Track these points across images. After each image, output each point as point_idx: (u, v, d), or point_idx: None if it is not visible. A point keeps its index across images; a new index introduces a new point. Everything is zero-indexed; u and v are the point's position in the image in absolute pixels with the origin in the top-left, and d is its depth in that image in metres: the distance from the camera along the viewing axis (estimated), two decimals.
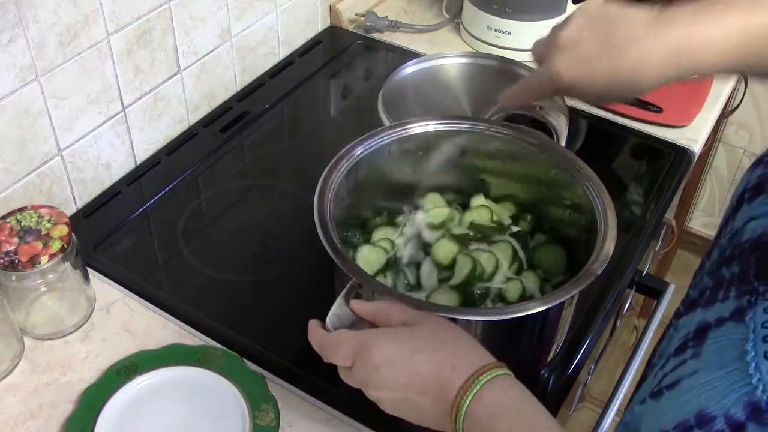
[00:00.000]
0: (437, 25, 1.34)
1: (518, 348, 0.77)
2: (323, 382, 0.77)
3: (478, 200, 0.87)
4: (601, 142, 1.12)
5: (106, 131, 0.98)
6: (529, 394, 0.57)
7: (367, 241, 0.84)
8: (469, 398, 0.55)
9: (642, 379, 0.58)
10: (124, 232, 0.96)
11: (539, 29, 1.24)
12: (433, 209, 0.86)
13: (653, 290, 1.02)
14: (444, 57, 1.12)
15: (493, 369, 0.57)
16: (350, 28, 1.35)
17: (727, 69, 0.60)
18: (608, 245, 0.71)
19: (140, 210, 0.99)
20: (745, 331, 0.39)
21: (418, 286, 0.80)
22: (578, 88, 0.65)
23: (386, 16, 1.32)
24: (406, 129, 0.83)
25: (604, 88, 0.63)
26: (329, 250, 0.70)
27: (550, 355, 0.81)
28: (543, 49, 0.68)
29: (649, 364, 0.57)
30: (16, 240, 0.77)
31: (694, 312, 0.45)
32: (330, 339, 0.62)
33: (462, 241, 0.82)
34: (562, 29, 0.65)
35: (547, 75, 0.66)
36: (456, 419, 0.56)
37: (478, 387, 0.56)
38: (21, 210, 0.80)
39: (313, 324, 0.64)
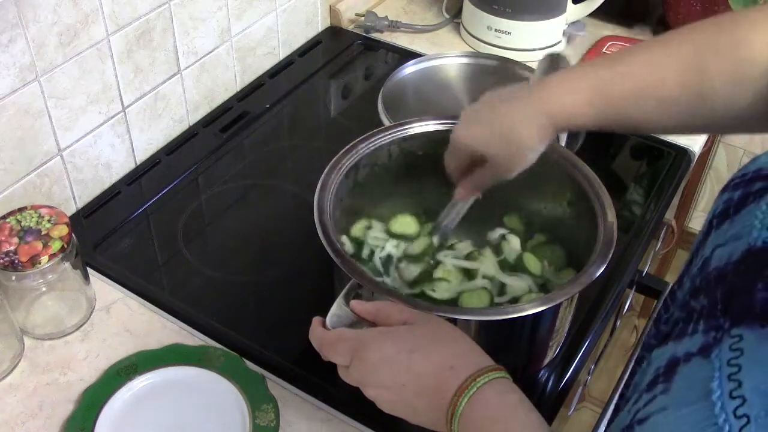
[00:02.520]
0: (437, 25, 1.34)
1: (518, 348, 0.77)
2: (323, 382, 0.77)
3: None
4: (601, 142, 1.12)
5: (106, 131, 0.98)
6: (525, 398, 0.57)
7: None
8: (465, 400, 0.55)
9: (615, 410, 0.58)
10: (124, 232, 0.96)
11: (539, 29, 1.24)
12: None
13: (653, 290, 1.02)
14: (444, 57, 1.12)
15: (490, 372, 0.57)
16: (350, 28, 1.35)
17: (594, 125, 0.68)
18: (608, 245, 0.71)
19: (140, 210, 0.99)
20: (710, 368, 0.39)
21: None
22: (474, 148, 0.72)
23: (386, 16, 1.32)
24: (406, 129, 0.83)
25: (493, 144, 0.71)
26: (329, 250, 0.70)
27: (550, 355, 0.81)
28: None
29: (622, 396, 0.57)
30: (16, 240, 0.77)
31: (666, 345, 0.45)
32: (329, 337, 0.62)
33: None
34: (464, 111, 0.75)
35: (450, 145, 0.75)
36: (451, 420, 0.55)
37: (475, 389, 0.55)
38: (21, 210, 0.80)
39: (316, 321, 0.65)
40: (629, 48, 0.68)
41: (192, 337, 0.83)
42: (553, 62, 0.85)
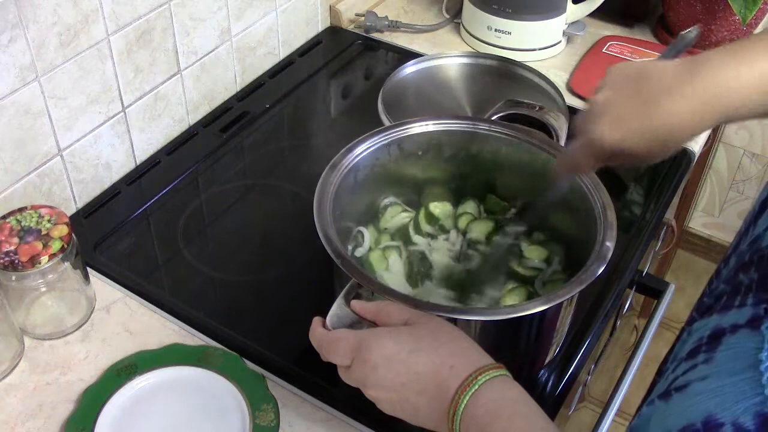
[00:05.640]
0: (437, 25, 1.34)
1: (518, 348, 0.77)
2: (323, 382, 0.77)
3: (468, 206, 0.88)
4: None
5: (106, 131, 0.98)
6: (526, 395, 0.57)
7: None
8: (467, 398, 0.55)
9: (651, 385, 0.58)
10: (124, 232, 0.96)
11: (539, 29, 1.24)
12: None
13: (653, 290, 1.02)
14: (444, 57, 1.12)
15: (491, 370, 0.57)
16: (350, 28, 1.35)
17: (756, 112, 0.59)
18: (608, 245, 0.71)
19: (140, 210, 0.99)
20: (759, 340, 0.39)
21: None
22: (620, 150, 0.63)
23: (386, 16, 1.32)
24: (406, 129, 0.83)
25: (645, 147, 0.62)
26: (329, 250, 0.70)
27: (550, 355, 0.81)
28: (581, 121, 0.67)
29: (659, 372, 0.57)
30: (16, 240, 0.77)
31: (710, 317, 0.45)
32: (329, 337, 0.62)
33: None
34: (597, 94, 0.65)
35: (587, 143, 0.66)
36: (453, 419, 0.55)
37: (476, 387, 0.55)
38: (21, 210, 0.80)
39: (316, 321, 0.64)
40: None
41: (192, 337, 0.83)
42: (686, 43, 0.73)
